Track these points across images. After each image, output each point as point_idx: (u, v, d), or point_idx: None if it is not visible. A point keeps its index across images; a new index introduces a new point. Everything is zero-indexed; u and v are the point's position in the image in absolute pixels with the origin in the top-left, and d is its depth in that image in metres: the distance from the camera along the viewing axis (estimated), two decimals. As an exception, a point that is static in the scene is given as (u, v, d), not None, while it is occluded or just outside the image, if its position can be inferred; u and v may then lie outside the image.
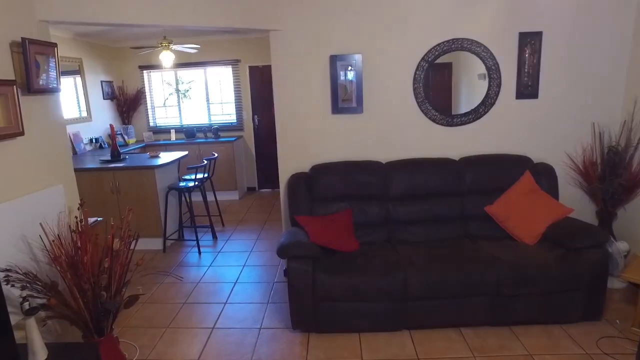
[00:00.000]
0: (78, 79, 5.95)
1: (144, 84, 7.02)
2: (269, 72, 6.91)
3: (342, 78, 3.49)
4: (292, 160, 3.68)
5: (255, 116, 6.97)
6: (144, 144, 6.62)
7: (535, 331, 2.83)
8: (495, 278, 2.76)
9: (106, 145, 6.34)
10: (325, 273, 2.85)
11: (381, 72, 3.50)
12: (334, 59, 3.46)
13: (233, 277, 3.98)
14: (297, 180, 3.51)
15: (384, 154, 3.63)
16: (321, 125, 3.60)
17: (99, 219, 3.19)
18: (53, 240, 2.18)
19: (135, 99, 6.94)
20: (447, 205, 3.41)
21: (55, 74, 2.57)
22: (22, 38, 2.27)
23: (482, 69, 3.47)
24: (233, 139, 6.59)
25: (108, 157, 4.90)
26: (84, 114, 6.04)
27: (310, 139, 3.63)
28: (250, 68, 6.82)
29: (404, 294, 2.81)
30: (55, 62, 2.55)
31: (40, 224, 2.24)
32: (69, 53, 5.74)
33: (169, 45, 5.13)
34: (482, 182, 3.42)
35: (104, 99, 6.52)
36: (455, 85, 3.57)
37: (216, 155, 5.14)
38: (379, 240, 3.39)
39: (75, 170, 4.65)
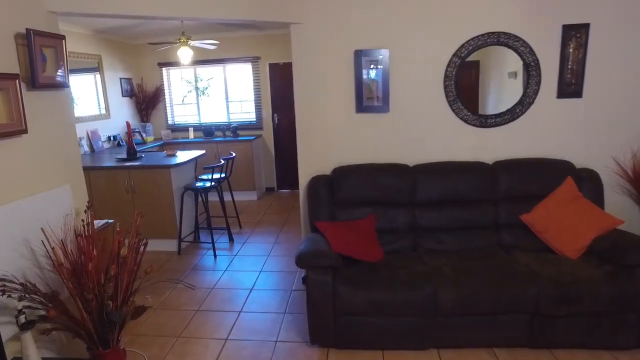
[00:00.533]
0: (97, 76, 5.87)
1: (163, 81, 6.92)
2: (290, 70, 6.73)
3: (367, 75, 3.26)
4: (312, 162, 3.48)
5: (275, 115, 6.80)
6: (162, 142, 6.52)
7: (581, 357, 2.55)
8: (534, 295, 2.50)
9: (124, 143, 6.26)
10: (346, 285, 2.63)
11: (409, 68, 3.26)
12: (358, 55, 3.23)
13: (249, 283, 3.80)
14: (317, 183, 3.30)
15: (411, 157, 3.39)
16: (344, 124, 3.39)
17: (109, 221, 3.04)
18: (53, 248, 2.02)
19: (154, 97, 6.85)
20: (479, 212, 3.15)
21: (63, 68, 2.42)
22: (26, 29, 2.13)
23: (513, 67, 3.20)
24: (252, 137, 6.43)
25: (124, 155, 4.79)
26: (103, 111, 5.96)
27: (333, 139, 3.42)
28: (271, 65, 6.65)
29: (433, 309, 2.57)
30: (63, 55, 2.40)
31: (42, 228, 2.09)
32: (88, 50, 5.67)
33: (187, 42, 4.99)
34: (517, 188, 3.15)
35: (122, 96, 6.44)
36: (482, 85, 3.30)
37: (234, 154, 4.98)
38: (404, 248, 3.15)
39: (90, 168, 4.58)
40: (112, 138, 6.03)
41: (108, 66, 6.07)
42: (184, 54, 5.03)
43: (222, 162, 4.58)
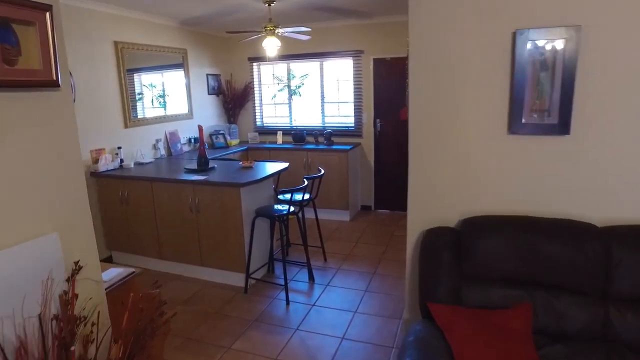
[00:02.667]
0: (181, 72, 5.28)
1: (252, 78, 6.18)
2: (399, 66, 5.55)
3: (534, 71, 1.97)
4: (429, 204, 2.28)
5: (378, 120, 5.65)
6: (246, 147, 5.77)
7: None
8: None
9: (206, 146, 5.62)
10: None
11: (616, 59, 1.89)
12: (521, 38, 1.95)
13: (325, 358, 2.74)
14: (435, 239, 2.11)
15: (601, 211, 2.03)
16: (486, 150, 2.14)
17: (133, 270, 2.19)
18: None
19: (243, 95, 6.14)
20: None
21: (51, 57, 1.56)
22: (-33, -12, 1.28)
23: None
24: (348, 147, 5.36)
25: (194, 165, 4.05)
26: (185, 110, 5.37)
27: (465, 171, 2.19)
28: (375, 61, 5.50)
29: None
30: (48, 37, 1.54)
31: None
32: (173, 43, 5.08)
33: (274, 30, 4.08)
34: None
35: (208, 94, 5.82)
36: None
37: (322, 171, 3.96)
38: (584, 373, 1.83)
39: (153, 179, 3.88)
40: (192, 140, 5.42)
41: (194, 61, 5.46)
42: (270, 44, 4.13)
43: (306, 183, 3.59)
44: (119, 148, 4.31)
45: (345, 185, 5.37)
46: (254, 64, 6.10)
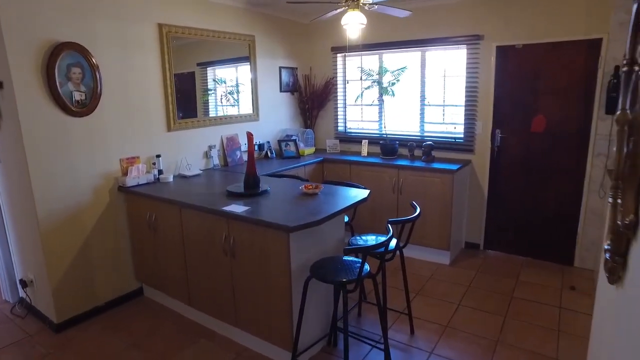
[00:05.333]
0: (246, 65, 4.32)
1: (335, 73, 5.02)
2: (535, 55, 3.77)
3: None
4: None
5: (497, 131, 4.14)
6: (322, 158, 4.63)
7: None
8: None
9: (273, 154, 4.61)
10: None
11: None
12: None
13: None
14: None
15: None
16: None
17: None
18: None
19: (323, 93, 5.02)
20: None
21: None
22: None
23: None
24: (455, 166, 3.95)
25: (241, 187, 3.00)
26: (248, 110, 4.40)
27: None
28: (499, 50, 4.00)
29: None
30: None
31: None
32: (237, 29, 4.13)
33: (358, 1, 2.86)
34: None
35: (281, 91, 4.79)
36: None
37: (417, 212, 2.66)
38: None
39: (181, 204, 2.72)
40: (256, 147, 4.43)
41: (263, 51, 4.46)
42: (353, 20, 2.91)
43: (390, 233, 2.33)
44: (158, 157, 3.44)
45: (448, 218, 3.96)
46: (338, 55, 4.94)
